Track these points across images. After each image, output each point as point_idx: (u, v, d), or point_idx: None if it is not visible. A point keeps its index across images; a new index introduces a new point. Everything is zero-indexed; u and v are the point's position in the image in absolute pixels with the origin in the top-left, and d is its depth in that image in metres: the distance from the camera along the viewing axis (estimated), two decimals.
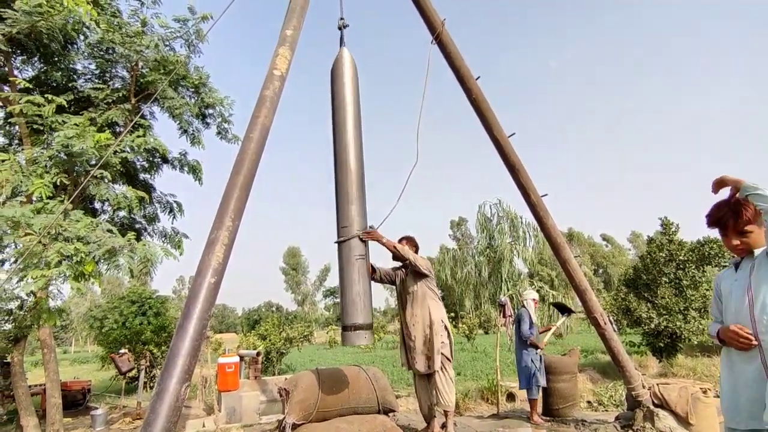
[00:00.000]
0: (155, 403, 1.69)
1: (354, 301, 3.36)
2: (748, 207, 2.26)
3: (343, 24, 4.26)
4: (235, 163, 2.38)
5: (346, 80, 3.84)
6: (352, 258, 3.44)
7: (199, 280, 2.01)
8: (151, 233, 9.03)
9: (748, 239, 2.28)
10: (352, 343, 3.41)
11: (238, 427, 5.63)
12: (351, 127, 3.72)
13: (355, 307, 3.34)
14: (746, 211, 2.26)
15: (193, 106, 7.84)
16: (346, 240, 3.49)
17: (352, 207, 3.53)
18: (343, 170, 3.61)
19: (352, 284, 3.39)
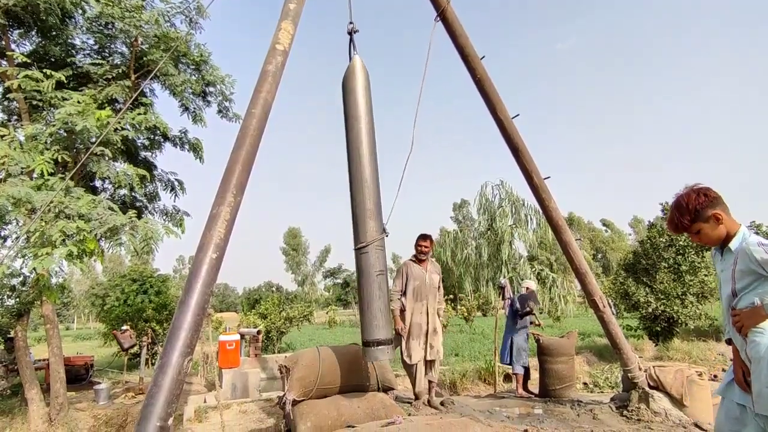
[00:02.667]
0: (158, 376, 1.71)
1: (375, 316, 3.43)
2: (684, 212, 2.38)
3: (353, 29, 3.99)
4: (237, 139, 2.36)
5: (359, 92, 3.72)
6: (372, 274, 3.48)
7: (200, 256, 2.00)
8: (152, 211, 9.04)
9: (700, 236, 2.41)
10: (375, 359, 3.53)
11: (239, 403, 5.72)
12: (365, 141, 3.66)
13: (376, 322, 3.41)
14: (683, 218, 2.38)
15: (194, 83, 7.75)
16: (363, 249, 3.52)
17: (370, 222, 3.55)
18: (360, 186, 3.61)
19: (372, 300, 3.44)
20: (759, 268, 2.22)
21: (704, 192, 2.37)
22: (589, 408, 5.21)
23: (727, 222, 2.36)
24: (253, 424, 5.07)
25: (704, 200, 2.37)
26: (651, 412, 4.84)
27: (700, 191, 2.37)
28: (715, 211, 2.35)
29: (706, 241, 2.47)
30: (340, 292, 51.53)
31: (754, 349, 2.22)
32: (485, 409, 5.31)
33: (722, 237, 2.39)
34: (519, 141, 4.92)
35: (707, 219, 2.37)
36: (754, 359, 2.22)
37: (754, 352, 2.22)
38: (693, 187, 2.41)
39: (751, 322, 2.22)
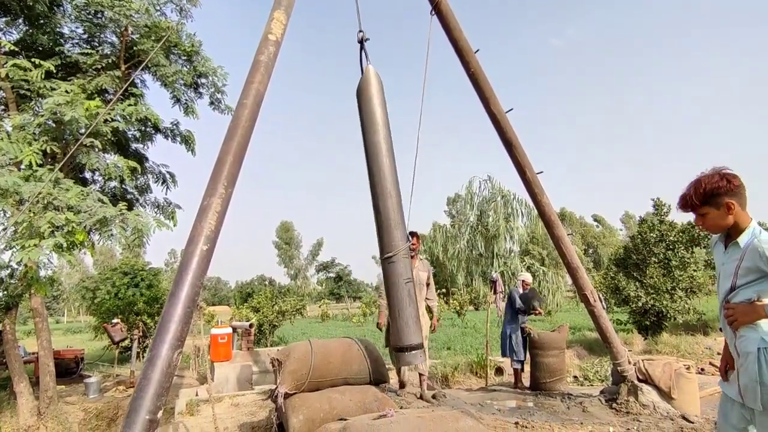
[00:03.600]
0: (147, 369, 1.69)
1: (407, 323, 3.52)
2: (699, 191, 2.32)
3: (363, 37, 3.91)
4: (229, 129, 2.32)
5: (375, 102, 3.72)
6: (401, 282, 3.56)
7: (191, 248, 1.98)
8: (143, 204, 8.96)
9: (705, 219, 2.36)
10: (409, 364, 3.68)
11: (231, 396, 5.71)
12: (385, 151, 3.69)
13: (408, 329, 3.51)
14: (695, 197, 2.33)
15: (185, 74, 7.65)
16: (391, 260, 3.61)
17: (396, 233, 3.60)
18: (384, 197, 3.66)
19: (403, 308, 3.54)
20: (767, 266, 2.20)
21: (728, 178, 2.27)
22: (579, 401, 5.27)
23: (738, 214, 2.29)
24: (245, 417, 5.07)
25: (724, 186, 2.27)
26: (640, 405, 4.91)
27: (725, 176, 2.28)
28: (731, 200, 2.27)
29: (709, 226, 2.41)
30: (333, 285, 51.51)
31: (743, 343, 2.24)
32: (477, 402, 5.35)
33: (727, 227, 2.34)
34: (512, 135, 4.93)
35: (719, 205, 2.29)
36: (742, 353, 2.24)
37: (742, 345, 2.23)
38: (720, 170, 2.31)
39: (746, 319, 2.22)
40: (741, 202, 2.30)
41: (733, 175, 2.29)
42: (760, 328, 2.18)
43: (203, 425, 4.79)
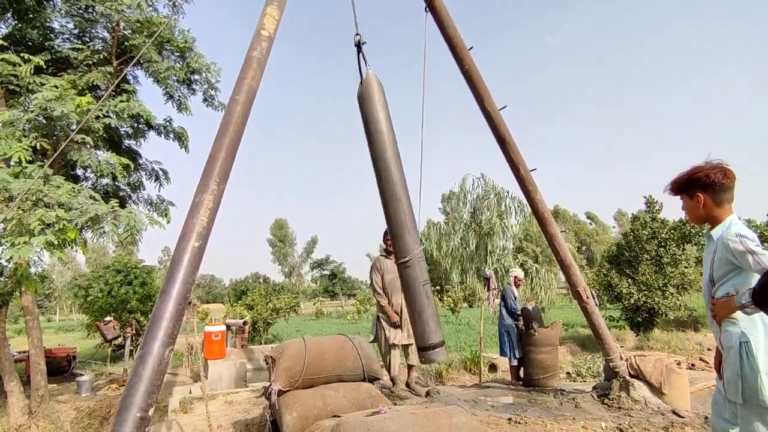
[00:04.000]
0: (138, 366, 1.67)
1: (428, 323, 3.63)
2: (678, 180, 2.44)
3: (360, 41, 3.85)
4: (221, 126, 2.31)
5: (378, 108, 3.73)
6: (419, 285, 3.65)
7: (182, 245, 1.96)
8: (136, 201, 8.90)
9: (684, 207, 2.48)
10: (433, 361, 3.80)
11: (225, 394, 5.70)
12: (392, 156, 3.74)
13: (430, 328, 3.62)
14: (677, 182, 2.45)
15: (178, 71, 7.59)
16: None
17: (409, 237, 3.66)
18: (395, 203, 3.71)
19: (423, 309, 3.64)
20: (734, 258, 2.25)
21: (711, 171, 2.33)
22: (572, 396, 5.31)
23: (711, 209, 2.35)
24: (239, 415, 5.06)
25: (701, 177, 2.34)
26: (631, 400, 4.96)
27: (711, 169, 2.34)
28: (703, 193, 2.35)
29: (687, 214, 2.53)
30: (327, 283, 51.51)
31: (726, 337, 2.29)
32: (470, 399, 5.38)
33: (701, 219, 2.43)
34: (506, 133, 4.94)
35: (692, 196, 2.39)
36: (725, 348, 2.30)
37: (726, 340, 2.29)
38: (711, 162, 2.37)
39: (723, 313, 2.28)
40: (716, 197, 2.35)
41: (718, 170, 2.33)
42: (740, 323, 2.23)
43: (197, 423, 4.77)
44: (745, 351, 2.19)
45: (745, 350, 2.19)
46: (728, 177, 2.32)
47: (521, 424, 3.95)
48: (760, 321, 2.21)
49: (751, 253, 2.16)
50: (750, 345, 2.18)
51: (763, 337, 2.18)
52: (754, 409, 2.15)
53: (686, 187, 2.42)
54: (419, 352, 3.79)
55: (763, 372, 2.12)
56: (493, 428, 3.80)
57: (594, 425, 4.02)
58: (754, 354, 2.16)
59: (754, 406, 2.15)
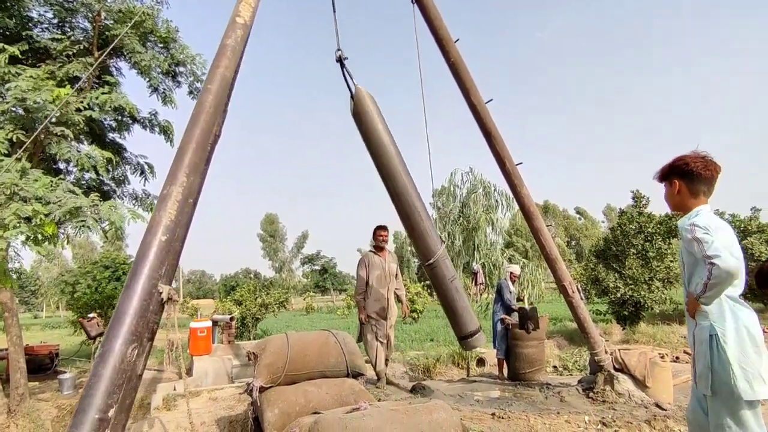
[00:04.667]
0: (98, 365, 1.60)
1: (462, 315, 3.85)
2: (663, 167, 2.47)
3: (342, 56, 3.80)
4: (192, 116, 2.22)
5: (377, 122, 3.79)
6: (447, 282, 3.83)
7: (148, 238, 1.89)
8: (120, 195, 8.76)
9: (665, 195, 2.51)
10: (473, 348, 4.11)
11: (209, 390, 5.64)
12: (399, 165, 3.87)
13: (463, 320, 3.84)
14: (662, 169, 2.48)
15: (162, 62, 7.45)
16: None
17: (429, 240, 3.79)
18: (412, 210, 3.80)
19: (455, 303, 3.84)
20: (685, 245, 2.29)
21: (691, 160, 2.36)
22: (557, 390, 5.32)
23: (685, 197, 2.38)
24: (223, 412, 5.00)
25: (681, 165, 2.38)
26: (615, 394, 4.98)
27: (693, 158, 2.36)
28: (679, 180, 2.38)
29: (666, 202, 2.55)
30: (318, 278, 51.38)
31: (699, 331, 2.31)
32: (456, 393, 5.37)
33: (676, 206, 2.46)
34: (492, 126, 4.91)
35: (671, 182, 2.42)
36: (698, 341, 2.31)
37: (698, 334, 2.31)
38: (696, 152, 2.39)
39: (691, 307, 2.32)
40: (693, 187, 2.37)
41: (700, 160, 2.34)
42: (711, 316, 2.26)
43: (179, 420, 4.71)
44: (714, 344, 2.21)
45: (715, 343, 2.21)
46: (709, 169, 2.32)
47: (504, 419, 3.95)
48: (729, 313, 2.23)
49: (697, 241, 2.18)
50: (719, 338, 2.20)
51: (732, 329, 2.20)
52: (724, 401, 2.17)
53: (668, 174, 2.45)
54: (460, 342, 3.98)
55: (735, 364, 2.13)
56: (476, 423, 3.79)
57: (577, 419, 4.03)
58: (723, 347, 2.17)
59: (723, 399, 2.17)
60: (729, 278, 2.10)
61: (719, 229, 2.22)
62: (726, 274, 2.08)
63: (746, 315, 2.23)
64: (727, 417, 2.14)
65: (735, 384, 2.10)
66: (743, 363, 2.12)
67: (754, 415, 2.13)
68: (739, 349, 2.15)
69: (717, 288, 2.13)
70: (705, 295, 2.17)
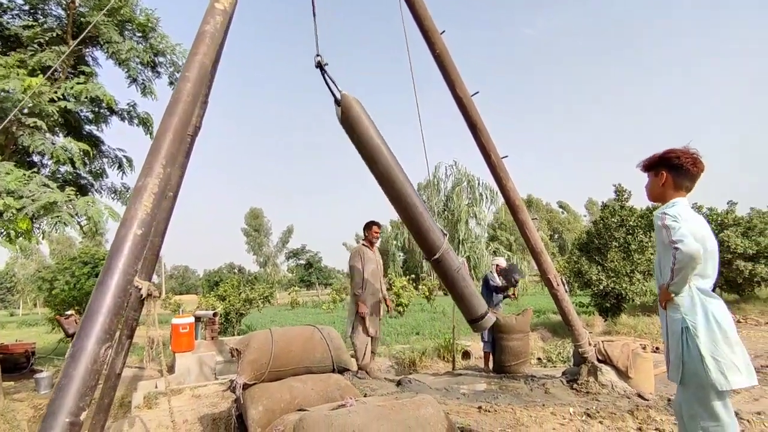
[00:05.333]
0: (69, 365, 1.51)
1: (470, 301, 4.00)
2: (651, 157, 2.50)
3: (321, 62, 3.55)
4: (169, 105, 2.12)
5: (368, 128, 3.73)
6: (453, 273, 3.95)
7: (123, 232, 1.80)
8: (99, 189, 8.54)
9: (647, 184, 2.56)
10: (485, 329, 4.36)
11: (192, 388, 5.54)
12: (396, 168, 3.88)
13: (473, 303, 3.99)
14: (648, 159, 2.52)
15: (141, 52, 7.24)
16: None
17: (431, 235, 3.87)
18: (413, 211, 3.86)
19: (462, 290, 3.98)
20: (657, 234, 2.33)
21: (683, 154, 2.39)
22: (542, 382, 5.37)
23: (668, 188, 2.43)
24: (207, 409, 4.92)
25: (672, 158, 2.41)
26: (599, 385, 5.05)
27: (684, 153, 2.40)
28: (667, 172, 2.41)
29: (647, 191, 2.60)
30: (303, 273, 51.11)
31: (670, 323, 2.37)
32: (442, 387, 5.38)
33: (656, 197, 2.51)
34: (477, 119, 4.87)
35: (657, 173, 2.46)
36: (670, 332, 2.37)
37: (670, 325, 2.37)
38: (687, 147, 2.43)
39: (662, 298, 2.38)
40: (678, 180, 2.41)
41: (689, 155, 2.39)
42: (681, 308, 2.31)
43: (161, 418, 4.62)
44: (685, 336, 2.26)
45: (686, 335, 2.26)
46: (696, 166, 2.38)
47: (491, 412, 3.96)
48: (699, 306, 2.27)
49: (665, 228, 2.23)
50: (690, 330, 2.24)
51: (702, 321, 2.24)
52: (694, 392, 2.23)
53: (656, 164, 2.48)
54: (470, 325, 4.16)
55: (707, 356, 2.17)
56: (463, 417, 3.79)
57: (563, 411, 4.06)
58: (694, 338, 2.22)
59: (693, 390, 2.23)
60: (692, 262, 2.13)
61: (689, 219, 2.27)
62: (689, 257, 2.12)
63: (716, 307, 2.27)
64: (698, 407, 2.20)
65: (708, 375, 2.14)
66: (715, 354, 2.17)
67: (723, 405, 2.18)
68: (711, 341, 2.19)
69: (682, 273, 2.17)
70: (673, 282, 2.21)
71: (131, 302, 3.77)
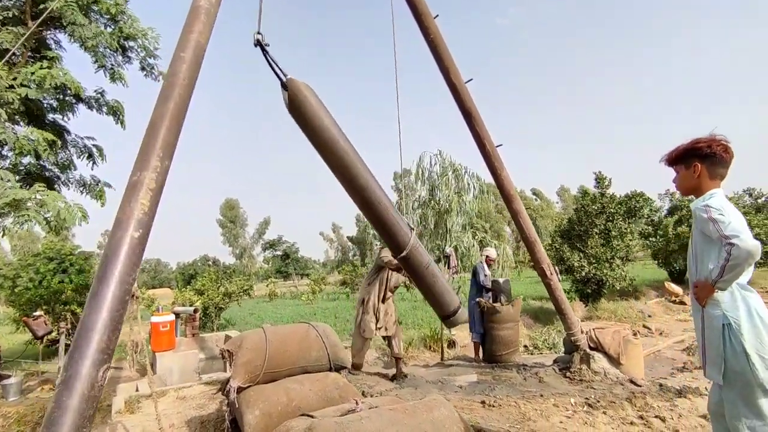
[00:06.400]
0: (61, 394, 1.28)
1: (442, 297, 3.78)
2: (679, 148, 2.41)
3: (261, 41, 3.03)
4: (163, 88, 1.89)
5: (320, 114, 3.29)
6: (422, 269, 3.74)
7: (119, 234, 1.56)
8: (66, 182, 8.06)
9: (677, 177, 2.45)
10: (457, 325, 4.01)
11: (176, 389, 5.30)
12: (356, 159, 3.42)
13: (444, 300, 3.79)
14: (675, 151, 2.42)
15: (109, 36, 6.79)
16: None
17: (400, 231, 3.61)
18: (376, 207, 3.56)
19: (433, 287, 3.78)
20: (704, 228, 2.23)
21: (713, 142, 2.28)
22: (534, 371, 5.36)
23: (703, 179, 2.31)
24: (193, 411, 4.70)
25: (703, 147, 2.30)
26: (592, 372, 5.07)
27: (714, 140, 2.29)
28: (700, 162, 2.30)
29: (678, 186, 2.48)
30: (280, 264, 50.48)
31: (708, 320, 2.27)
32: (437, 380, 5.31)
33: (690, 190, 2.39)
34: (472, 106, 4.75)
35: (688, 165, 2.35)
36: (708, 329, 2.27)
37: (708, 322, 2.27)
38: (714, 135, 2.32)
39: (703, 294, 2.26)
40: (713, 170, 2.32)
41: (721, 143, 2.29)
42: (722, 305, 2.21)
43: (145, 424, 4.37)
44: (727, 333, 2.17)
45: (728, 332, 2.17)
46: (728, 152, 2.30)
47: (495, 407, 3.89)
48: (741, 301, 2.19)
49: (713, 221, 2.14)
50: (732, 327, 2.16)
51: (745, 317, 2.16)
52: (739, 391, 2.14)
53: (685, 156, 2.37)
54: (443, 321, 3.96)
55: (753, 354, 2.09)
56: (468, 413, 3.71)
57: (564, 402, 4.03)
58: (738, 336, 2.13)
59: (738, 389, 2.14)
60: (749, 259, 2.04)
61: (733, 212, 2.16)
62: (746, 254, 2.02)
63: (756, 301, 2.20)
64: (743, 406, 2.11)
65: (755, 374, 2.06)
66: (761, 351, 2.08)
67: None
68: (755, 338, 2.11)
69: (736, 270, 2.07)
70: (723, 279, 2.10)
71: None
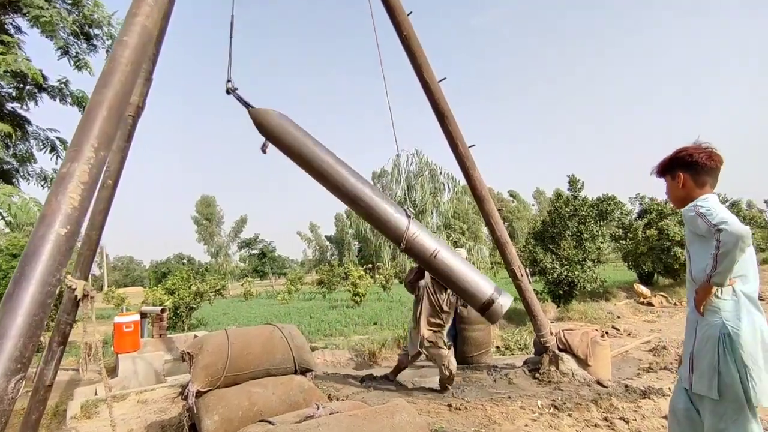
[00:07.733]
0: None
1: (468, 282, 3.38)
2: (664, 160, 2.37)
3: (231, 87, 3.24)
4: (102, 75, 1.73)
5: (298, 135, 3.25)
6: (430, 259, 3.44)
7: (41, 231, 1.42)
8: (25, 176, 7.70)
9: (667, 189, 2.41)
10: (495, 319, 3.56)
11: (138, 392, 5.10)
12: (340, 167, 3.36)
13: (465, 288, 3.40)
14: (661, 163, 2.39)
15: (70, 21, 6.50)
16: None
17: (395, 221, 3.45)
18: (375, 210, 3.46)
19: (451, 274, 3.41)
20: (692, 227, 2.19)
21: (695, 151, 2.24)
22: (504, 373, 5.37)
23: (691, 189, 2.27)
24: (154, 416, 4.53)
25: (684, 157, 2.26)
26: (560, 373, 5.10)
27: (696, 149, 2.25)
28: (684, 172, 2.27)
29: (669, 197, 2.43)
30: (257, 263, 49.76)
31: (704, 327, 2.16)
32: (407, 381, 5.26)
33: (681, 201, 2.33)
34: (445, 106, 4.72)
35: (673, 175, 2.31)
36: (702, 338, 2.16)
37: (703, 330, 2.16)
38: (699, 144, 2.28)
39: (703, 296, 2.15)
40: (698, 178, 2.27)
41: (705, 152, 2.24)
42: (722, 312, 2.11)
43: (101, 429, 4.19)
44: (723, 344, 2.05)
45: (724, 343, 2.04)
46: (713, 159, 2.24)
47: (461, 410, 3.86)
48: (745, 313, 2.07)
49: (700, 216, 2.09)
50: (731, 338, 2.04)
51: (748, 329, 2.04)
52: (729, 405, 2.02)
53: (669, 166, 2.33)
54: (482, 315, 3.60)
55: (752, 368, 1.99)
56: (434, 416, 3.67)
57: (531, 404, 4.03)
58: (735, 348, 2.02)
59: (729, 403, 2.03)
60: (740, 243, 1.93)
61: (724, 209, 2.09)
62: (736, 238, 1.92)
63: (760, 319, 2.08)
64: (730, 422, 2.00)
65: (752, 389, 1.97)
66: (755, 369, 1.99)
67: (757, 422, 2.03)
68: (754, 353, 2.01)
69: (729, 257, 1.95)
70: (717, 271, 1.99)
71: (64, 304, 3.33)
